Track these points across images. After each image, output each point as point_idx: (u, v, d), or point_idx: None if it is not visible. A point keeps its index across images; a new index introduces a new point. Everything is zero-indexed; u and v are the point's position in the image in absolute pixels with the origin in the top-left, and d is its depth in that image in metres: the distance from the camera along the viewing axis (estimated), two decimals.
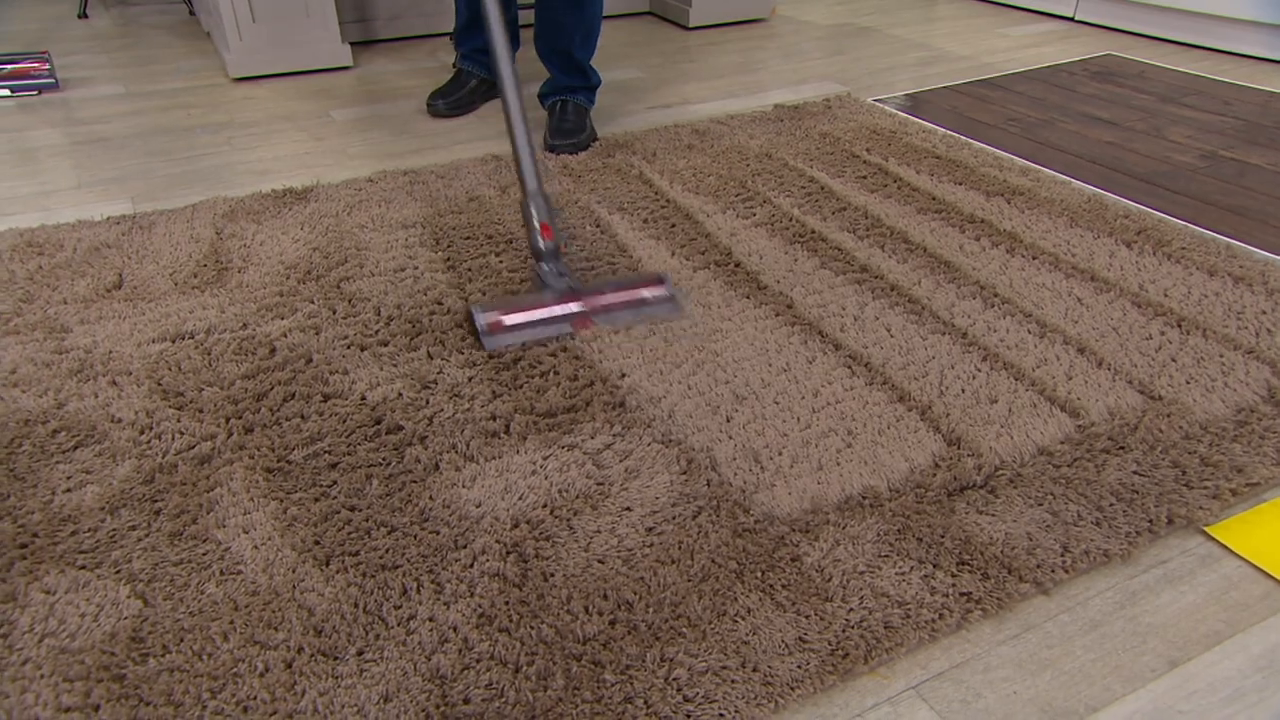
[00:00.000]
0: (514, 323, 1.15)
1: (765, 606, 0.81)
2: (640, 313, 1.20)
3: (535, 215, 1.22)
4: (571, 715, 0.71)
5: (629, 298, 1.21)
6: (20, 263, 1.37)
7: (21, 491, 0.93)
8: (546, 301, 1.18)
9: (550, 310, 1.18)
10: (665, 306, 1.22)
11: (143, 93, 2.21)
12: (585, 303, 1.19)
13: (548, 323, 1.17)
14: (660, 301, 1.22)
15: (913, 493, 0.94)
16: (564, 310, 1.18)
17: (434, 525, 0.90)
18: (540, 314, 1.17)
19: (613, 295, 1.21)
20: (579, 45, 1.79)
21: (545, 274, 1.21)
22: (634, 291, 1.22)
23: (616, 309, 1.20)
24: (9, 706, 0.71)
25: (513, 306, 1.17)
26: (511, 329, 1.15)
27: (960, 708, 0.74)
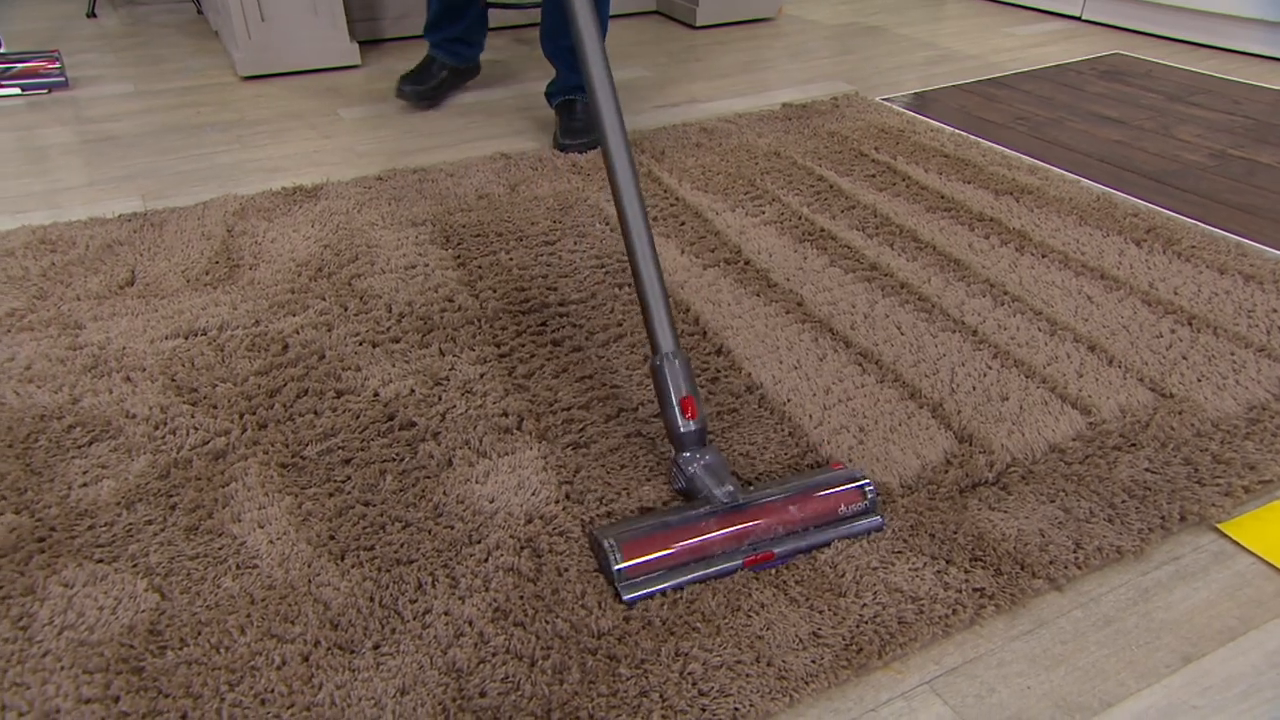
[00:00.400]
0: (664, 562, 0.82)
1: (779, 602, 0.82)
2: (832, 535, 0.87)
3: (672, 387, 0.90)
4: (588, 709, 0.72)
5: (819, 511, 0.87)
6: (34, 260, 1.37)
7: (38, 486, 0.94)
8: (702, 523, 0.84)
9: (709, 535, 0.84)
10: (863, 523, 0.88)
11: (152, 91, 2.22)
12: (758, 522, 0.85)
13: (709, 558, 0.84)
14: (859, 513, 0.89)
15: (925, 489, 0.95)
16: (728, 534, 0.84)
17: (448, 520, 0.90)
18: (698, 542, 0.83)
19: (796, 509, 0.86)
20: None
21: (693, 474, 0.88)
22: (825, 502, 0.88)
23: (803, 531, 0.86)
24: (30, 697, 0.71)
25: (658, 535, 0.83)
26: (661, 572, 0.82)
27: (974, 702, 0.75)
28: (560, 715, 0.71)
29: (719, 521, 0.84)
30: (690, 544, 0.83)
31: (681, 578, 0.82)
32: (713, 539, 0.84)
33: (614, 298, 1.29)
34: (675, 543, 0.83)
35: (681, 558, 0.83)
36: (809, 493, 0.88)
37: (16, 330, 1.20)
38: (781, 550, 0.85)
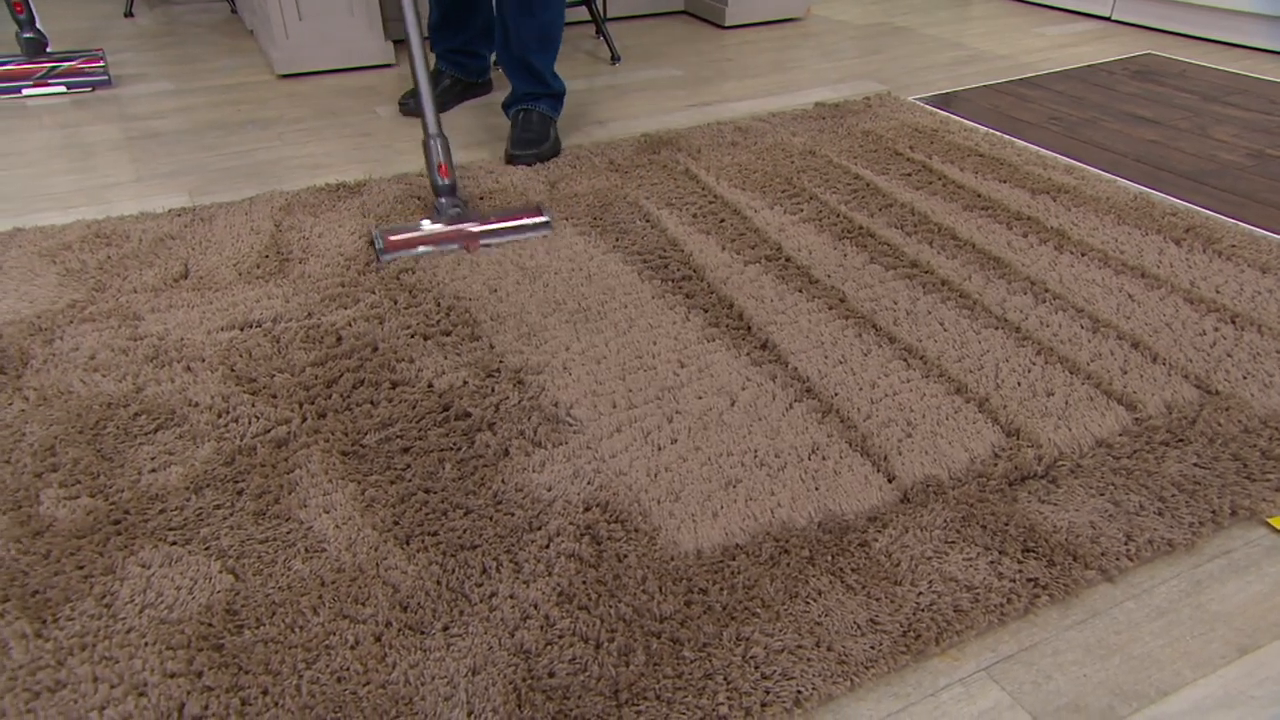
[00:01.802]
0: (408, 239, 1.39)
1: (836, 589, 0.83)
2: (519, 236, 1.44)
3: (436, 156, 1.42)
4: (654, 689, 0.74)
5: (511, 224, 1.44)
6: (90, 253, 1.41)
7: (110, 471, 0.97)
8: (440, 226, 1.41)
9: (443, 231, 1.41)
10: (541, 230, 1.45)
11: (192, 89, 2.25)
12: (474, 227, 1.42)
13: (439, 241, 1.40)
14: (537, 227, 1.45)
15: (975, 482, 0.96)
16: (455, 231, 1.41)
17: (508, 508, 0.92)
18: (433, 234, 1.40)
19: (497, 222, 1.44)
20: (535, 51, 1.74)
21: (441, 206, 1.43)
22: (516, 219, 1.45)
23: (500, 233, 1.43)
24: (120, 671, 0.74)
25: (409, 229, 1.41)
26: (405, 244, 1.39)
27: (1031, 689, 0.76)
28: (628, 695, 0.73)
29: (448, 224, 1.43)
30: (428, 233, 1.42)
31: (419, 251, 1.40)
32: (444, 232, 1.42)
33: (657, 294, 1.30)
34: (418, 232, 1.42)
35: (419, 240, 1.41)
36: (506, 214, 1.47)
37: (79, 321, 1.23)
38: (485, 240, 1.42)
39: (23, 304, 1.27)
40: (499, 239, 1.42)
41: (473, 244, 1.40)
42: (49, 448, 0.99)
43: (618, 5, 2.87)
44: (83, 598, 0.81)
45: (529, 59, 1.75)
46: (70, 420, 1.04)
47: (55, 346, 1.17)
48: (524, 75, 1.79)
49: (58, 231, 1.48)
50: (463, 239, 1.41)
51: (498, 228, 1.43)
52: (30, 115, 2.05)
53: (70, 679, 0.73)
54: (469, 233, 1.41)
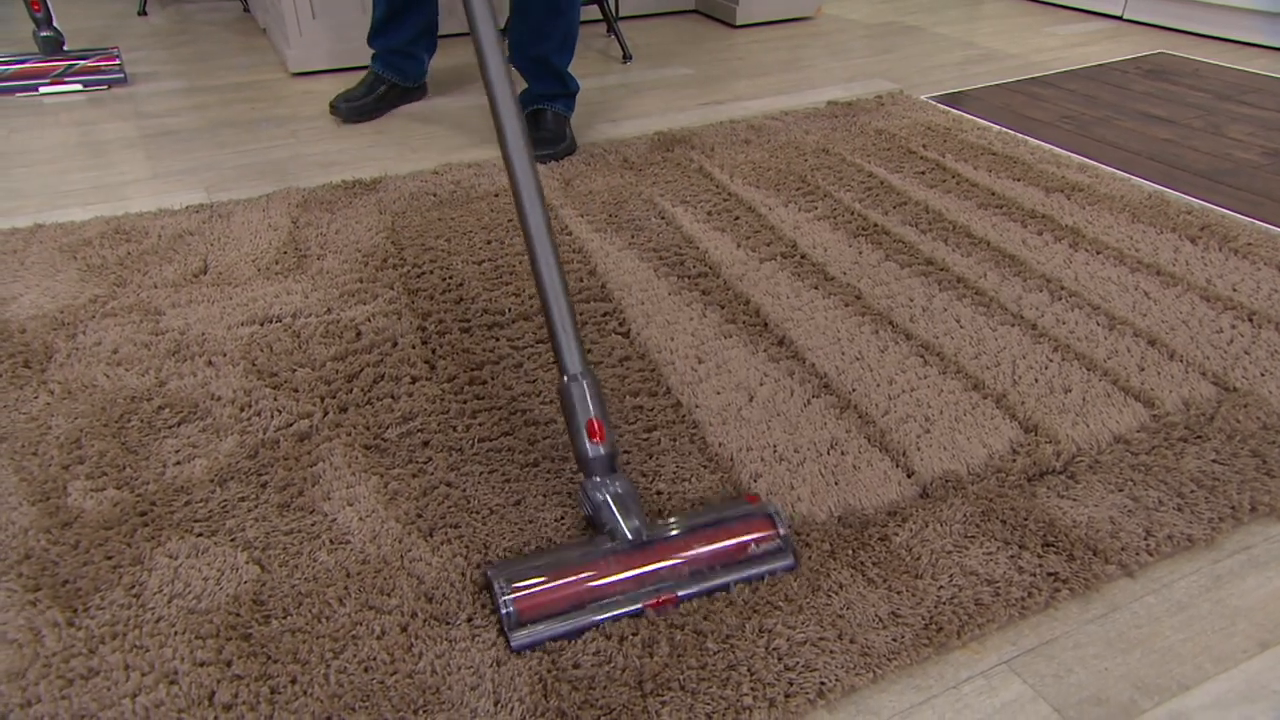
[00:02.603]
0: (556, 605, 0.78)
1: (857, 582, 0.84)
2: (741, 575, 0.83)
3: (578, 409, 0.86)
4: (679, 680, 0.74)
5: (728, 548, 0.83)
6: (110, 249, 1.42)
7: (135, 463, 0.97)
8: (604, 562, 0.80)
9: (610, 577, 0.79)
10: (777, 560, 0.84)
11: (205, 87, 2.27)
12: (662, 563, 0.81)
13: (608, 599, 0.79)
14: (770, 555, 0.84)
15: (993, 477, 0.96)
16: (630, 576, 0.80)
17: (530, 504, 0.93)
18: (597, 584, 0.79)
19: (703, 546, 0.82)
20: (556, 51, 1.74)
21: (600, 502, 0.84)
22: (734, 538, 0.84)
23: (710, 570, 0.82)
24: (150, 659, 0.75)
25: (553, 574, 0.79)
26: (552, 616, 0.77)
27: (1053, 682, 0.76)
28: (653, 685, 0.74)
29: (620, 561, 0.80)
30: (588, 586, 0.78)
31: (576, 623, 0.77)
32: (613, 581, 0.79)
33: (674, 290, 1.31)
34: (569, 578, 0.79)
35: (577, 600, 0.78)
36: (716, 525, 0.84)
37: (101, 316, 1.24)
38: (685, 593, 0.80)
39: (45, 299, 1.28)
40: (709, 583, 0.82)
41: (666, 603, 0.80)
42: (75, 440, 1.00)
43: (629, 4, 2.87)
44: (112, 587, 0.82)
45: (551, 59, 1.75)
46: (95, 413, 1.05)
47: (78, 341, 1.18)
48: (544, 75, 1.79)
49: (78, 228, 1.49)
50: (650, 595, 0.80)
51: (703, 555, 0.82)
52: (47, 113, 2.06)
53: (102, 666, 0.74)
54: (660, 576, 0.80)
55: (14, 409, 1.05)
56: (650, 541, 0.82)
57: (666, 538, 0.82)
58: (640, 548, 0.81)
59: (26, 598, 0.80)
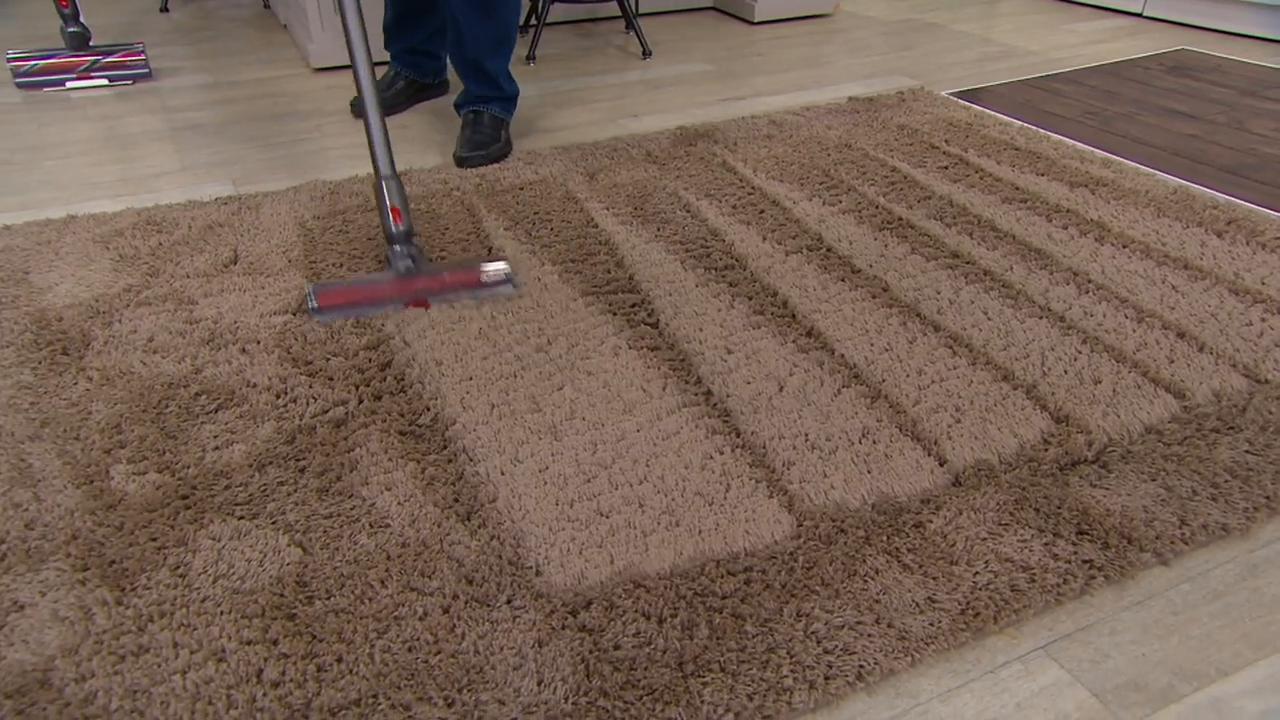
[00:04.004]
0: (348, 295, 1.23)
1: (893, 568, 0.84)
2: (477, 294, 1.25)
3: (388, 199, 1.25)
4: (719, 661, 0.75)
5: (467, 278, 1.27)
6: (142, 239, 1.43)
7: (175, 448, 0.99)
8: (386, 281, 1.25)
9: (386, 288, 1.24)
10: (503, 287, 1.26)
11: (229, 82, 2.28)
12: (425, 283, 1.25)
13: (382, 299, 1.23)
14: (497, 282, 1.26)
15: (1026, 466, 0.97)
16: (402, 286, 1.24)
17: None
18: (375, 292, 1.24)
19: (451, 276, 1.26)
20: (489, 54, 1.71)
21: (394, 255, 1.26)
22: (472, 273, 1.27)
23: (454, 289, 1.25)
24: (199, 638, 0.76)
25: (350, 284, 1.26)
26: (344, 302, 1.23)
27: (1090, 667, 0.77)
28: (694, 667, 0.75)
29: (396, 279, 1.25)
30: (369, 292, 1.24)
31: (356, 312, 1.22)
32: (386, 290, 1.24)
33: (701, 282, 1.32)
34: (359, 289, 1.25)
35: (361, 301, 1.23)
36: (462, 266, 1.29)
37: (135, 305, 1.26)
38: (434, 300, 1.24)
39: (80, 288, 1.30)
40: (451, 297, 1.25)
41: (420, 304, 1.23)
42: (115, 425, 1.02)
43: (647, 1, 2.88)
44: (158, 568, 0.83)
45: (482, 62, 1.71)
46: (134, 399, 1.06)
47: (114, 329, 1.20)
48: (477, 78, 1.75)
49: (109, 219, 1.51)
50: (410, 295, 1.24)
51: (451, 282, 1.26)
52: (75, 107, 2.08)
53: (152, 644, 0.75)
54: (417, 288, 1.24)
55: (54, 395, 1.07)
56: (415, 272, 1.26)
57: (429, 272, 1.27)
58: (410, 275, 1.26)
59: (75, 577, 0.82)
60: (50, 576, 0.82)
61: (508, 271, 1.27)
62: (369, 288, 1.24)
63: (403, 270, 1.25)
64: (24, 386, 1.08)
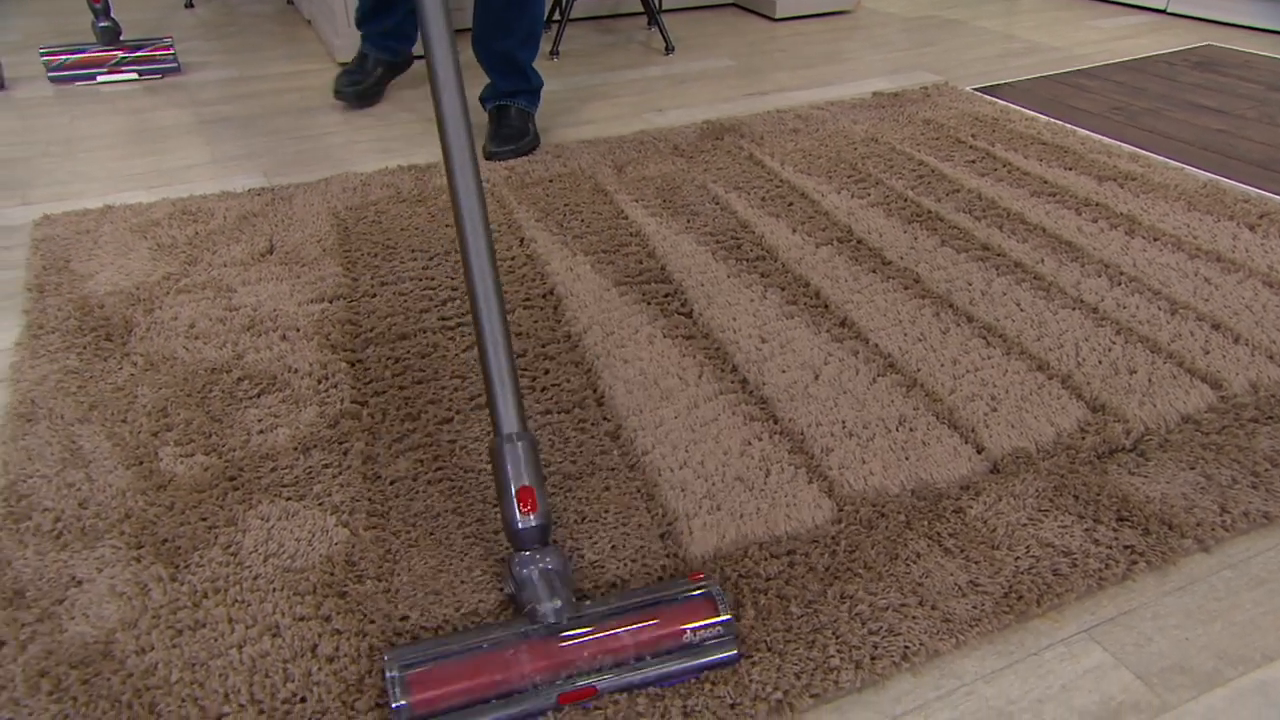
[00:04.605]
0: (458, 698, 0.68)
1: (934, 552, 0.85)
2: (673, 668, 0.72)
3: (510, 474, 0.77)
4: (766, 641, 0.76)
5: (660, 634, 0.72)
6: (179, 229, 1.45)
7: (221, 431, 1.00)
8: (513, 650, 0.70)
9: (519, 667, 0.69)
10: (714, 653, 0.73)
11: (256, 76, 2.30)
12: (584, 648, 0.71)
13: (518, 693, 0.69)
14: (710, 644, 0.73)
15: (1064, 454, 0.97)
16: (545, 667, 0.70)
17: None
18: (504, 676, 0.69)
19: (632, 630, 0.72)
20: (520, 46, 1.72)
21: (524, 578, 0.75)
22: (669, 624, 0.73)
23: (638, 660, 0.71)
24: (253, 614, 0.77)
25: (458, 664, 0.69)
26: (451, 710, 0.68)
27: (1133, 650, 0.77)
28: (739, 645, 0.75)
29: (533, 649, 0.70)
30: (494, 678, 0.68)
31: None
32: (523, 671, 0.69)
33: (733, 273, 1.33)
34: (475, 669, 0.68)
35: (481, 693, 0.68)
36: (651, 611, 0.73)
37: (175, 292, 1.27)
38: (604, 685, 0.70)
39: (120, 276, 1.32)
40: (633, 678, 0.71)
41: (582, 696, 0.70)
42: (161, 409, 1.03)
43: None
44: (209, 546, 0.85)
45: (515, 55, 1.72)
46: (178, 384, 1.08)
47: (156, 316, 1.22)
48: (507, 71, 1.76)
49: (145, 209, 1.53)
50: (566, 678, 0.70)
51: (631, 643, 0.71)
52: (105, 100, 2.11)
53: (208, 619, 0.77)
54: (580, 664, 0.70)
55: (100, 379, 1.09)
56: (572, 625, 0.71)
57: (590, 621, 0.72)
58: (560, 632, 0.71)
59: (130, 554, 0.83)
60: (106, 553, 0.83)
61: (725, 616, 0.74)
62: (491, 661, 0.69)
63: (551, 620, 0.72)
64: (70, 371, 1.10)
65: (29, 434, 0.99)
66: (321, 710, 0.70)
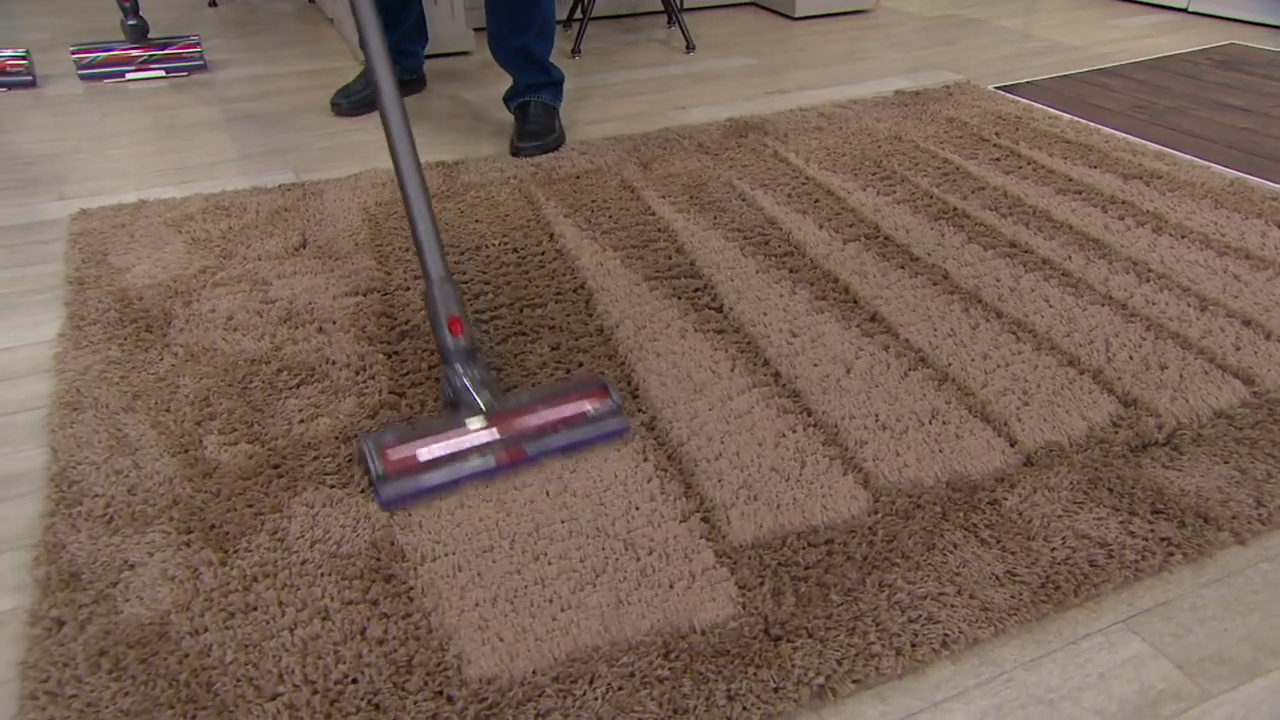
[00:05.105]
0: (422, 461, 0.90)
1: (971, 543, 0.86)
2: (581, 434, 0.95)
3: (442, 308, 0.97)
4: (807, 627, 0.77)
5: (568, 413, 0.96)
6: (213, 223, 1.47)
7: (263, 420, 1.02)
8: (460, 427, 0.92)
9: (466, 440, 0.92)
10: (611, 424, 0.97)
11: (282, 74, 2.33)
12: (511, 425, 0.94)
13: (463, 457, 0.91)
14: (605, 417, 0.97)
15: (1097, 448, 0.98)
16: (484, 439, 0.92)
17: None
18: (453, 446, 0.91)
19: (546, 411, 0.95)
20: (536, 39, 1.74)
21: (458, 385, 0.95)
22: (574, 404, 0.97)
23: (552, 431, 0.95)
24: (302, 597, 0.79)
25: (417, 438, 0.91)
26: (417, 472, 0.89)
27: (1172, 640, 0.78)
28: (781, 631, 0.77)
29: (474, 427, 0.93)
30: (446, 446, 0.91)
31: (435, 479, 0.89)
32: (468, 442, 0.92)
33: (762, 269, 1.34)
34: (431, 441, 0.91)
35: (438, 461, 0.90)
36: (558, 396, 0.97)
37: (212, 285, 1.29)
38: (532, 449, 0.93)
39: (157, 269, 1.34)
40: (550, 444, 0.94)
41: (512, 458, 0.92)
42: (204, 399, 1.05)
43: None
44: (256, 532, 0.86)
45: (532, 49, 1.74)
46: (219, 375, 1.10)
47: (194, 308, 1.23)
48: (527, 66, 1.77)
49: (179, 204, 1.55)
50: (502, 449, 0.92)
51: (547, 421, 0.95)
52: (134, 97, 2.13)
53: (259, 602, 0.78)
54: (510, 435, 0.93)
55: (143, 369, 1.10)
56: (501, 410, 0.95)
57: (515, 406, 0.96)
58: (491, 416, 0.94)
59: (180, 539, 0.85)
60: (156, 538, 0.85)
61: (617, 400, 0.98)
62: (445, 438, 0.92)
63: (484, 407, 0.94)
64: (113, 361, 1.12)
65: (76, 422, 1.01)
66: (373, 691, 0.71)
